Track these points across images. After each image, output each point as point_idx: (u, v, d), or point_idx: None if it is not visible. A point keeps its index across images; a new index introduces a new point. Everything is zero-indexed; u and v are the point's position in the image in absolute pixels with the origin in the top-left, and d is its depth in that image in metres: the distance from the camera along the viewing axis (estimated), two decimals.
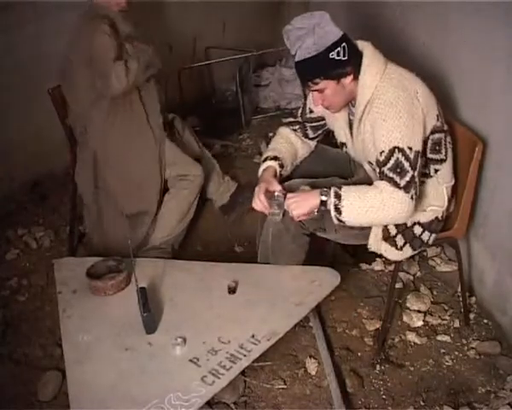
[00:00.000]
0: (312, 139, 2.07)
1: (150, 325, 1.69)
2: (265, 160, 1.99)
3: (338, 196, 1.70)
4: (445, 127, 1.82)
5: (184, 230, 2.55)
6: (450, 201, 1.89)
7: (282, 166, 1.97)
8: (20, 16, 2.73)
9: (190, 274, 1.96)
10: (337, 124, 1.93)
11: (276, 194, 1.83)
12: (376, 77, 1.69)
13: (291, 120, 2.08)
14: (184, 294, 1.86)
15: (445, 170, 1.83)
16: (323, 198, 1.73)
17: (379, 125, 1.68)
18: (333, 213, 1.71)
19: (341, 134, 1.93)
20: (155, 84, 2.49)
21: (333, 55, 1.65)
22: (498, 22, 1.88)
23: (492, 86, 1.98)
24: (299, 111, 2.05)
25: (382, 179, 1.69)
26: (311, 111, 2.00)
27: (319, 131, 2.05)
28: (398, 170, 1.66)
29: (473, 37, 2.05)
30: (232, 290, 1.83)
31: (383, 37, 2.82)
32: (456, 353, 2.03)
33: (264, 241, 2.04)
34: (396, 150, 1.66)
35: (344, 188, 1.71)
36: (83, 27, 2.23)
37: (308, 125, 2.03)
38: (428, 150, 1.77)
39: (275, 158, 1.97)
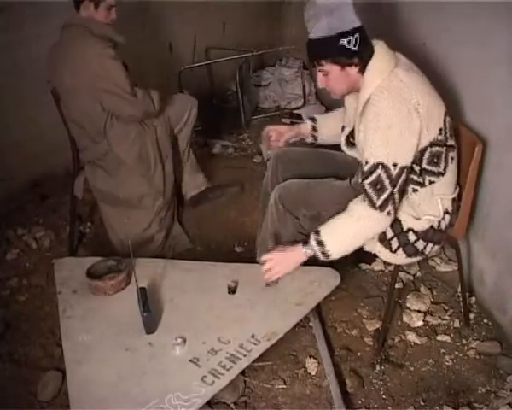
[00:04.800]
0: None
1: (150, 325, 1.69)
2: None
3: (320, 244, 1.72)
4: (450, 142, 1.77)
5: None
6: (451, 213, 1.86)
7: (315, 129, 2.12)
8: (19, 16, 2.73)
9: (190, 274, 1.96)
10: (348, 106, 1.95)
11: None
12: (378, 78, 1.67)
13: None
14: (184, 294, 1.86)
15: (442, 183, 1.80)
16: (309, 252, 1.75)
17: (370, 135, 1.67)
18: (322, 258, 1.75)
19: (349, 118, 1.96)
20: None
21: (343, 41, 1.64)
22: (498, 22, 1.88)
23: (492, 86, 1.98)
24: None
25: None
26: None
27: None
28: (378, 186, 1.67)
29: (473, 36, 2.05)
30: (232, 290, 1.83)
31: (383, 37, 2.82)
32: (456, 353, 2.04)
33: (263, 240, 2.05)
34: (380, 166, 1.66)
35: (322, 231, 1.73)
36: (82, 50, 2.19)
37: None
38: (425, 161, 1.74)
39: (312, 119, 2.14)
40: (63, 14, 2.27)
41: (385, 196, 1.68)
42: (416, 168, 1.75)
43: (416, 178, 1.77)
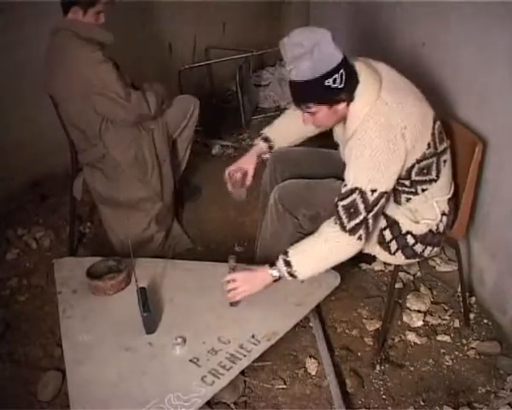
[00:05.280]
0: None
1: (150, 325, 1.70)
2: (260, 135, 2.11)
3: (288, 264, 1.70)
4: (441, 148, 1.74)
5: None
6: (448, 214, 1.85)
7: (271, 147, 2.09)
8: (19, 16, 2.73)
9: (190, 274, 1.96)
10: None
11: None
12: (365, 108, 1.62)
13: None
14: (184, 294, 1.86)
15: (436, 188, 1.78)
16: (275, 273, 1.73)
17: (353, 159, 1.64)
18: (289, 278, 1.73)
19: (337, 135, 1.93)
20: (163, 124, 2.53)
21: (328, 82, 1.55)
22: (498, 22, 1.88)
23: (492, 86, 1.98)
24: None
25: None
26: None
27: None
28: (352, 210, 1.64)
29: (473, 37, 2.05)
30: None
31: (383, 37, 2.82)
32: (456, 353, 2.04)
33: (263, 239, 2.05)
34: (357, 191, 1.62)
35: (290, 252, 1.71)
36: (72, 57, 2.20)
37: None
38: (414, 174, 1.71)
39: (265, 139, 2.08)
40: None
41: (357, 220, 1.64)
42: (406, 182, 1.74)
43: (407, 189, 1.76)
